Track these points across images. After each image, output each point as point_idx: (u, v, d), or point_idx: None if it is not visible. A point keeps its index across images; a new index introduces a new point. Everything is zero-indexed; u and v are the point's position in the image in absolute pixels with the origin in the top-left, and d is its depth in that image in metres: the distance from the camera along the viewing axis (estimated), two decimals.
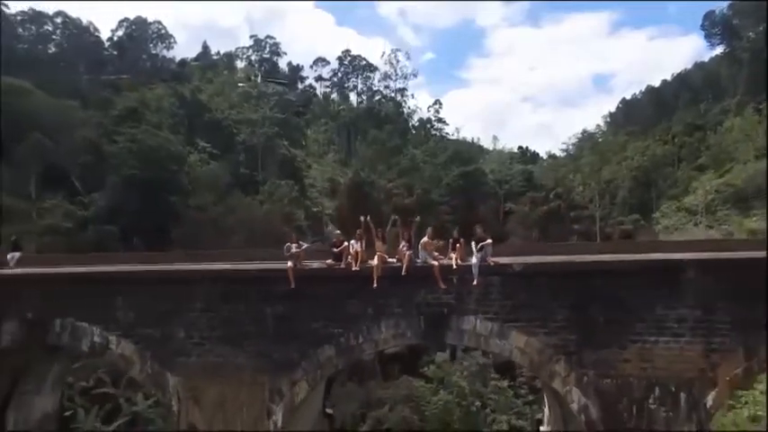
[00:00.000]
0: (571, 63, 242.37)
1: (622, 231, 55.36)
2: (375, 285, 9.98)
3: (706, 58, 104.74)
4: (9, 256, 15.16)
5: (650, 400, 9.78)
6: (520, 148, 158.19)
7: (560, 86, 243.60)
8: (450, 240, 10.81)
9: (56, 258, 15.13)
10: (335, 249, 10.57)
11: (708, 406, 9.66)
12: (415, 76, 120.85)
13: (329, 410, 16.26)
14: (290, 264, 10.14)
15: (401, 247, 10.50)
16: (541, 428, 15.08)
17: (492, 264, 10.20)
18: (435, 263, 10.17)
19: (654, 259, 10.29)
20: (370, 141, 67.40)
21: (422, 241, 10.60)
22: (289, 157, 61.47)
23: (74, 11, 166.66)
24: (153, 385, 10.70)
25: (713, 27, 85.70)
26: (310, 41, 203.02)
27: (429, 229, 11.24)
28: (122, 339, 10.56)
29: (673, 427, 9.72)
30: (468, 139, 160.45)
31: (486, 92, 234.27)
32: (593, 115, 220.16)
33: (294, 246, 10.41)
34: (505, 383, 28.96)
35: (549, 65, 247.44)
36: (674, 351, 9.74)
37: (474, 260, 10.11)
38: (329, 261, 10.64)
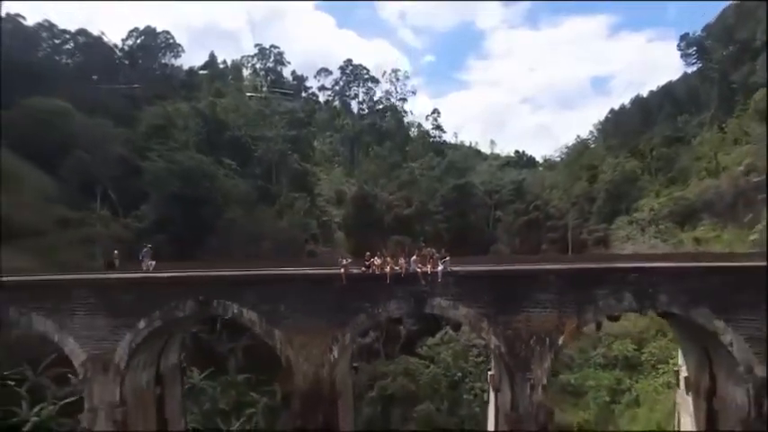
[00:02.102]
0: (570, 65, 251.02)
1: (595, 238, 65.23)
2: (387, 281, 19.47)
3: (695, 67, 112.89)
4: (150, 263, 24.66)
5: (531, 342, 19.33)
6: (517, 152, 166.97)
7: (559, 88, 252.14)
8: (427, 257, 20.37)
9: (185, 265, 24.60)
10: (366, 263, 20.08)
11: (559, 344, 19.26)
12: (413, 93, 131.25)
13: (355, 365, 25.94)
14: (342, 270, 19.64)
15: (401, 260, 20.01)
16: (489, 373, 24.63)
17: (449, 270, 19.73)
18: (419, 270, 19.68)
19: (533, 269, 19.94)
20: (373, 156, 76.86)
21: (412, 258, 20.14)
22: (300, 170, 70.89)
23: (71, 11, 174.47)
24: (266, 336, 20.15)
25: (688, 48, 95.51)
26: (311, 43, 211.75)
27: (416, 251, 20.77)
28: (250, 311, 20.04)
29: (543, 355, 19.28)
30: (467, 143, 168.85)
31: (485, 93, 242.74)
32: (592, 116, 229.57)
33: (344, 260, 19.98)
34: (481, 359, 38.63)
35: (547, 67, 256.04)
36: (543, 316, 19.28)
37: (440, 268, 19.64)
38: (363, 268, 20.16)
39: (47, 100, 68.65)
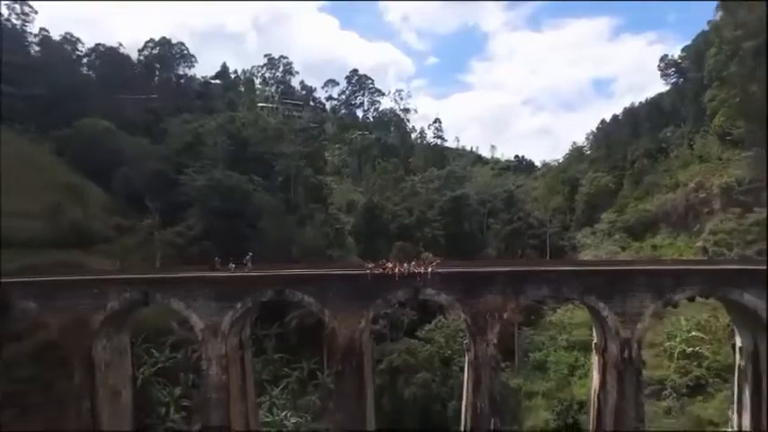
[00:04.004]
0: (572, 67, 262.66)
1: (572, 245, 77.72)
2: (396, 278, 32.03)
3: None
4: (232, 265, 37.28)
5: (486, 317, 31.88)
6: (516, 156, 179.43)
7: (561, 90, 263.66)
8: (424, 261, 32.97)
9: (269, 267, 37.14)
10: (383, 266, 32.68)
11: (503, 317, 31.86)
12: (416, 111, 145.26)
13: (371, 336, 38.59)
14: (367, 271, 32.21)
15: (404, 264, 32.60)
16: (464, 341, 37.20)
17: (436, 271, 32.32)
18: (416, 271, 32.26)
19: (487, 270, 32.60)
20: (380, 171, 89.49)
21: (412, 263, 32.76)
22: (315, 183, 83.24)
23: (75, 12, 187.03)
24: (319, 313, 32.66)
25: (667, 68, 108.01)
26: (315, 44, 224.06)
27: (415, 258, 33.41)
28: (309, 297, 32.57)
29: (493, 325, 31.82)
30: (468, 147, 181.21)
31: (488, 95, 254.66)
32: (593, 118, 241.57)
33: (371, 265, 32.60)
34: (466, 341, 51.10)
35: (549, 69, 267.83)
36: (494, 300, 31.81)
37: (429, 269, 32.24)
38: (381, 270, 32.74)
39: (95, 121, 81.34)
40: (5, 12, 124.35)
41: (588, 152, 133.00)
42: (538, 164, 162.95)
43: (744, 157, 63.71)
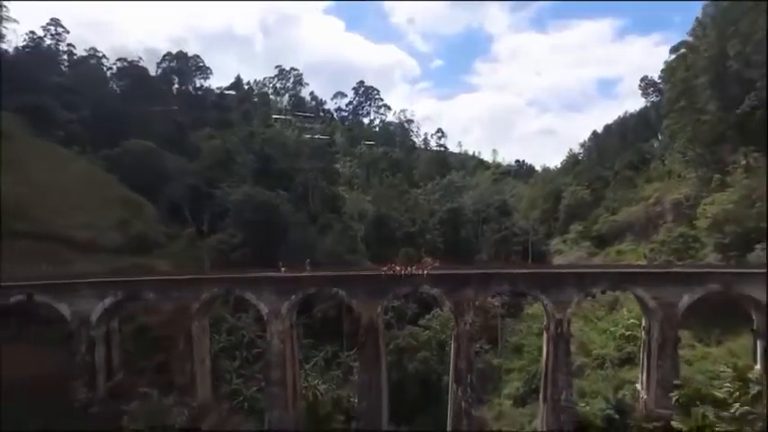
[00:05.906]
0: (576, 68, 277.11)
1: (549, 251, 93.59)
2: (402, 278, 48.04)
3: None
4: (283, 269, 53.55)
5: (465, 304, 47.90)
6: (517, 161, 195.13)
7: (565, 91, 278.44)
8: (423, 264, 49.08)
9: (310, 269, 53.23)
10: (393, 269, 48.71)
11: (476, 304, 47.91)
12: (418, 128, 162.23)
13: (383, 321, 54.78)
14: (383, 272, 48.23)
15: (408, 267, 48.64)
16: (451, 325, 53.21)
17: (432, 271, 48.38)
18: (417, 272, 48.32)
19: (465, 272, 48.79)
20: (387, 184, 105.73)
21: (415, 266, 48.85)
22: (330, 194, 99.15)
23: (82, 13, 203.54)
24: (349, 302, 48.57)
25: (647, 88, 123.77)
26: (320, 45, 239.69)
27: (417, 262, 49.52)
28: (342, 291, 48.54)
29: (469, 310, 47.88)
30: (471, 151, 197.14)
31: (492, 96, 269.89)
32: (597, 119, 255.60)
33: (384, 268, 48.65)
34: None
35: (554, 70, 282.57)
36: (469, 292, 47.85)
37: (426, 271, 48.30)
38: (392, 272, 48.77)
39: (140, 141, 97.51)
40: (41, 32, 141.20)
41: (583, 158, 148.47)
42: (539, 168, 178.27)
43: (691, 177, 79.28)
